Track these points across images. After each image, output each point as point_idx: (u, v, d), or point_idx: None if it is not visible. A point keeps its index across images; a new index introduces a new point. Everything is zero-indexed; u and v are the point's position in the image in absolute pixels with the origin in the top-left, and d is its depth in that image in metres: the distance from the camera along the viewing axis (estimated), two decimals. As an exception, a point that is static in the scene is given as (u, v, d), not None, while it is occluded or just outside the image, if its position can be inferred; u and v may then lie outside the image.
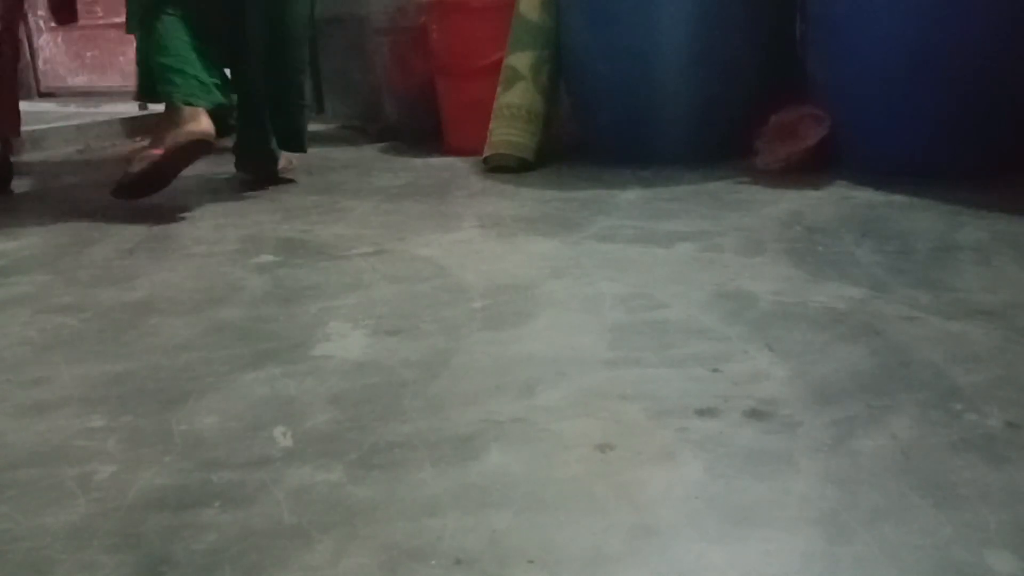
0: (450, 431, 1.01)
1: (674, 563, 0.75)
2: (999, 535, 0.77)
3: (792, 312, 1.33)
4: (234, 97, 2.48)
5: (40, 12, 4.94)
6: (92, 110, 4.11)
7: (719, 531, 0.80)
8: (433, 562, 0.77)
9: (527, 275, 1.59)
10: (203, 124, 2.15)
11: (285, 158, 2.73)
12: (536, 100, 2.66)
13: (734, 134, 2.44)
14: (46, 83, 5.10)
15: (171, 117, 2.18)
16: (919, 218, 1.84)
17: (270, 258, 1.81)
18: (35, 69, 5.11)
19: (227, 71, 2.39)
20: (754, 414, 1.01)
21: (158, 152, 2.16)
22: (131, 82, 3.60)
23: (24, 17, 5.09)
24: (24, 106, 3.04)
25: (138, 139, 3.75)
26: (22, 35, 5.25)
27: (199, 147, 2.17)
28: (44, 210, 2.42)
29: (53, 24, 2.92)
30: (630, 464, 0.92)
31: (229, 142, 2.73)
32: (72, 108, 4.22)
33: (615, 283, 1.51)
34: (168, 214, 2.29)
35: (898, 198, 2.00)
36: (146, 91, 2.42)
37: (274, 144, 2.53)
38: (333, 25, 4.02)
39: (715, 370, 1.14)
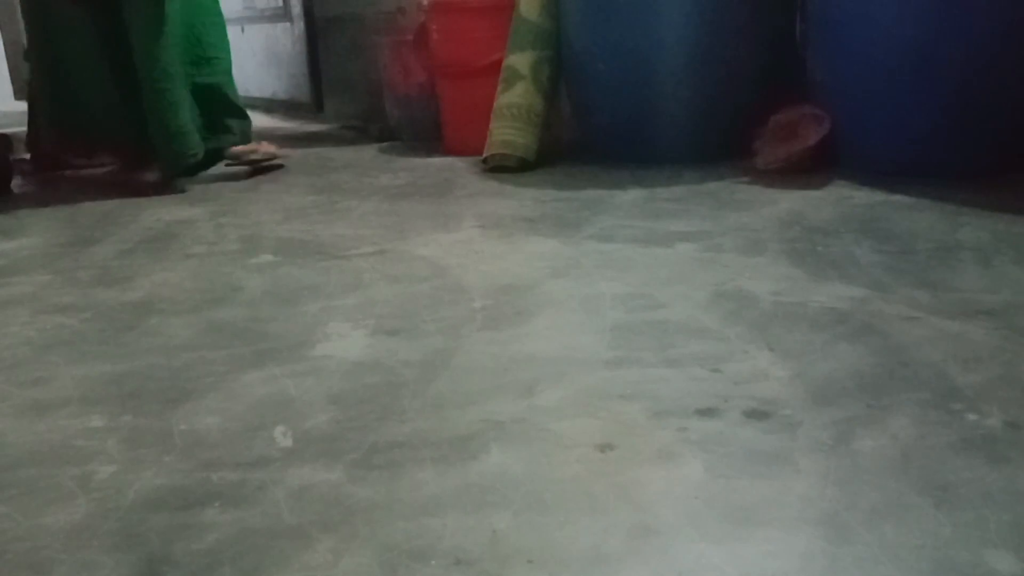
0: (450, 431, 1.01)
1: (674, 563, 0.75)
2: (999, 535, 0.77)
3: (792, 312, 1.33)
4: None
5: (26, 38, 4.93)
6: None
7: (719, 531, 0.80)
8: (433, 562, 0.77)
9: (527, 275, 1.59)
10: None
11: (262, 147, 2.87)
12: (536, 100, 2.66)
13: (734, 134, 2.45)
14: (46, 83, 5.09)
15: None
16: (919, 218, 1.84)
17: (270, 258, 1.81)
18: (35, 69, 5.10)
19: None
20: (754, 414, 1.01)
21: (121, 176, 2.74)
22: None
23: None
24: (24, 106, 3.05)
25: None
26: (23, 36, 5.24)
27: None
28: (44, 210, 2.43)
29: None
30: (630, 464, 0.92)
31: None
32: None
33: (615, 283, 1.51)
34: (168, 214, 2.29)
35: (898, 198, 2.00)
36: None
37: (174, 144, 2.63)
38: (333, 25, 4.02)
39: (715, 370, 1.14)
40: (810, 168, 2.28)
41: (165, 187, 2.64)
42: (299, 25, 4.25)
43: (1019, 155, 2.14)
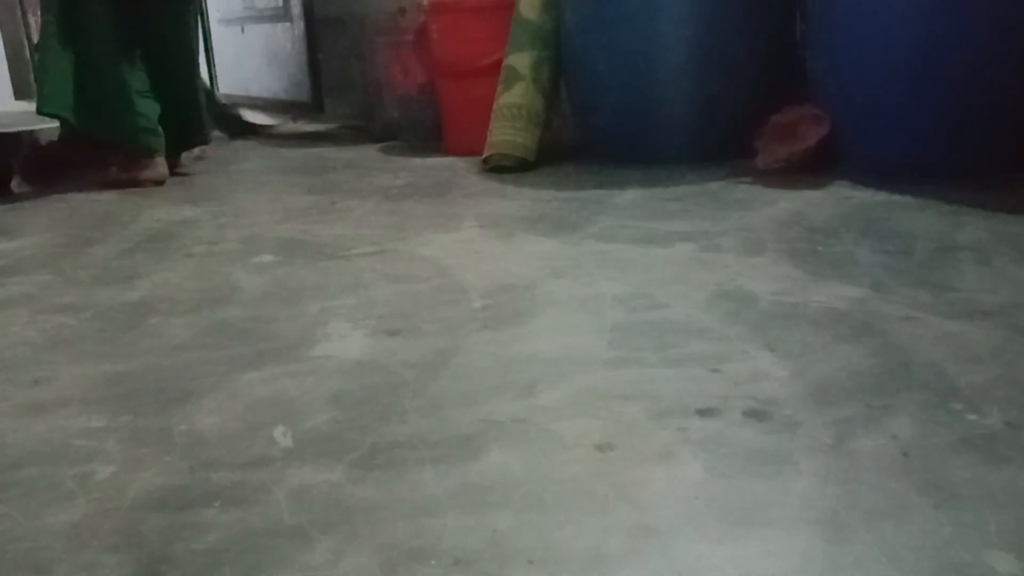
0: (450, 431, 1.01)
1: (674, 563, 0.75)
2: (999, 535, 0.77)
3: (792, 312, 1.33)
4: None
5: (40, 12, 4.93)
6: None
7: (719, 531, 0.80)
8: (433, 562, 0.77)
9: (527, 275, 1.59)
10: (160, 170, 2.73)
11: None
12: (536, 100, 2.66)
13: (734, 134, 2.45)
14: (46, 83, 5.08)
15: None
16: (919, 218, 1.84)
17: (270, 258, 1.81)
18: (35, 69, 5.11)
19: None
20: (754, 414, 1.01)
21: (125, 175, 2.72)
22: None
23: (24, 17, 5.10)
24: (24, 105, 3.06)
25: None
26: (23, 36, 5.26)
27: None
28: (44, 210, 2.43)
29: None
30: (630, 464, 0.92)
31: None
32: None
33: (615, 283, 1.51)
34: (168, 214, 2.29)
35: (898, 198, 2.00)
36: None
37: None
38: (333, 25, 4.03)
39: (715, 370, 1.14)
40: (810, 168, 2.28)
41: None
42: (299, 25, 4.26)
43: (1019, 155, 2.14)
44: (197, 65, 2.87)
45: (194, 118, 2.85)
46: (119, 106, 2.63)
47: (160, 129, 2.69)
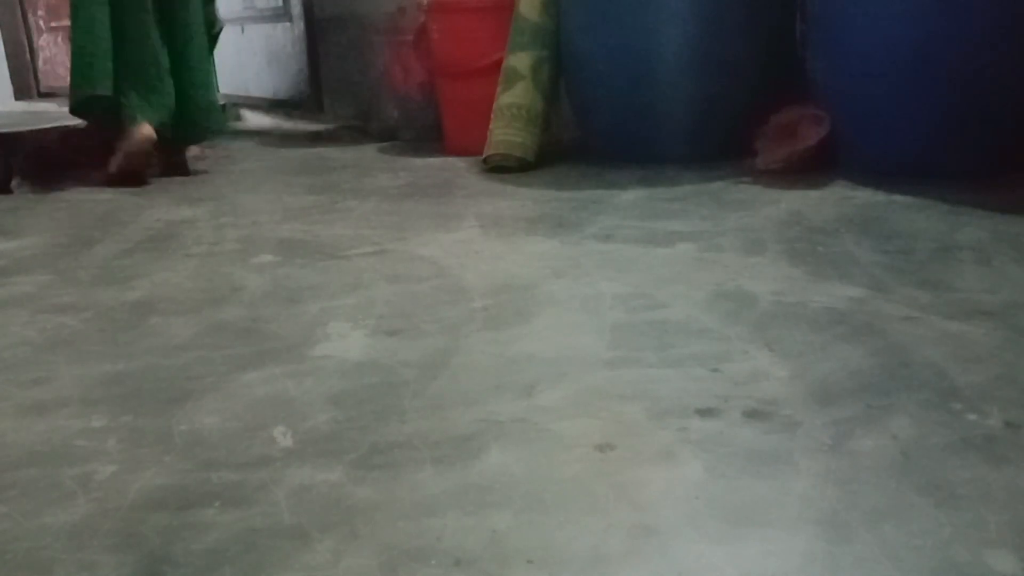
0: (450, 431, 1.01)
1: (674, 563, 0.75)
2: (999, 535, 0.77)
3: (792, 312, 1.33)
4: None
5: (40, 12, 4.94)
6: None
7: (719, 531, 0.80)
8: (433, 562, 0.77)
9: (527, 275, 1.59)
10: (144, 131, 2.68)
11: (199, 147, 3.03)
12: (536, 100, 2.66)
13: (734, 134, 2.45)
14: (46, 83, 5.10)
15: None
16: (919, 218, 1.84)
17: (270, 258, 1.81)
18: (35, 69, 5.12)
19: None
20: (754, 414, 1.01)
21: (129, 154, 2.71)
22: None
23: (24, 17, 5.10)
24: (24, 106, 3.06)
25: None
26: (23, 37, 5.26)
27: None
28: (44, 210, 2.43)
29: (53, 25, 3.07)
30: (630, 464, 0.92)
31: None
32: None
33: (615, 283, 1.51)
34: (168, 214, 2.29)
35: (898, 198, 2.00)
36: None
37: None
38: (333, 25, 4.02)
39: (715, 370, 1.14)
40: (810, 168, 2.28)
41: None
42: (299, 25, 4.25)
43: (1018, 155, 2.14)
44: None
45: (211, 106, 2.88)
46: (150, 80, 2.67)
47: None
